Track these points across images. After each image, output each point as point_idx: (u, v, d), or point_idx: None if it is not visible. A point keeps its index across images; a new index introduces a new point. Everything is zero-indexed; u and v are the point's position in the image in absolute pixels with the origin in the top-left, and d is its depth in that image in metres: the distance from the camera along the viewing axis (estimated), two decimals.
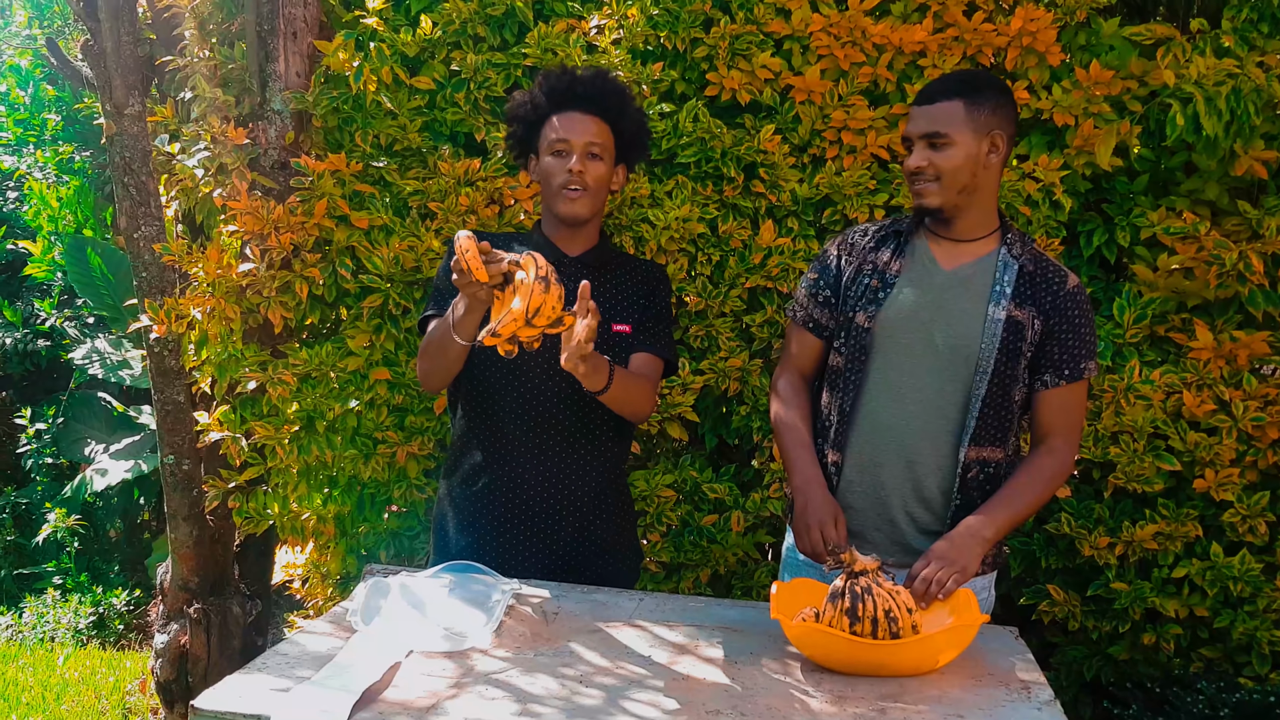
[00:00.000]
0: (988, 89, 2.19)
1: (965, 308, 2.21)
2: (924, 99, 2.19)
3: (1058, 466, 2.19)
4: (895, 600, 1.84)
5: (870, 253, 2.31)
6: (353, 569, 3.32)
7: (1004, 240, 2.25)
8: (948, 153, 2.15)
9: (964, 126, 2.15)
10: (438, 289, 2.40)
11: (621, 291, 2.43)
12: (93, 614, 5.19)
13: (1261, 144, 3.04)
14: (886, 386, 2.25)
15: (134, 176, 3.29)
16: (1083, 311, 2.22)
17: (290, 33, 3.18)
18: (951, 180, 2.16)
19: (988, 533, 2.07)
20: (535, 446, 2.37)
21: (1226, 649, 3.09)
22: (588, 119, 2.34)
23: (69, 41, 5.73)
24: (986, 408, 2.20)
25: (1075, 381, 2.20)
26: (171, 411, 3.42)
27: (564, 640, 1.94)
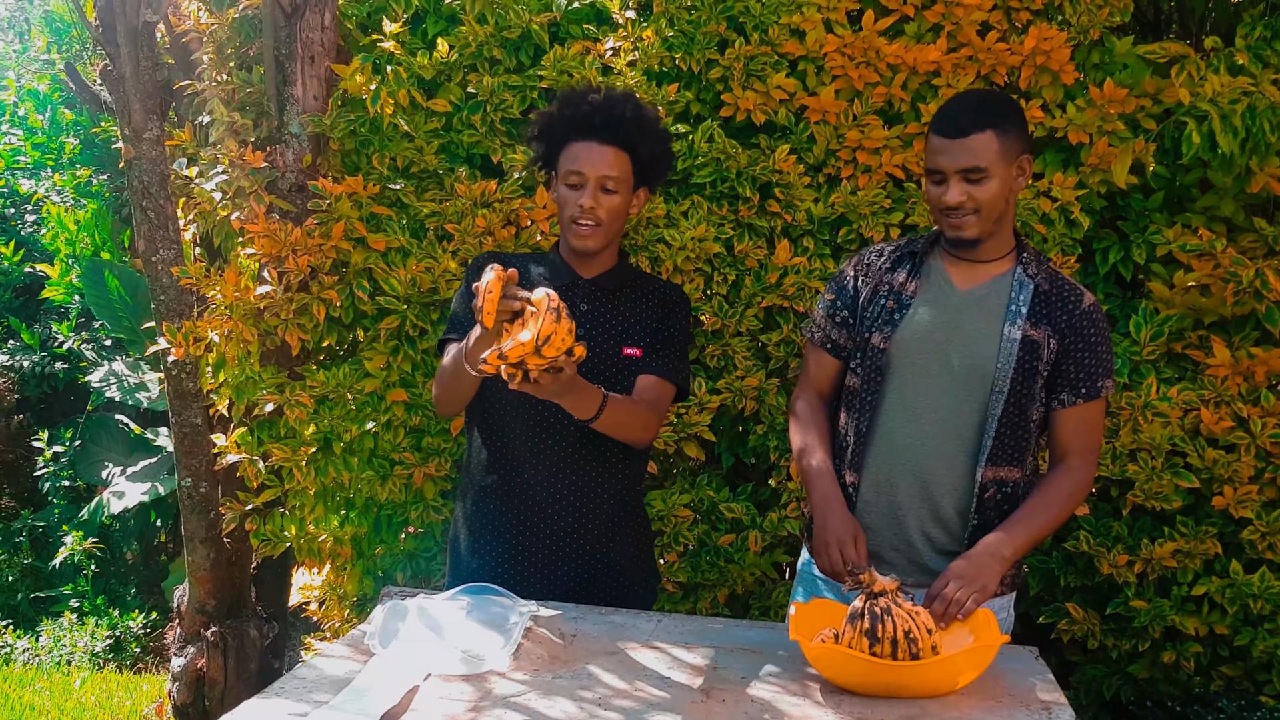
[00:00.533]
0: (1011, 112, 2.17)
1: (980, 328, 2.21)
2: (954, 130, 2.12)
3: (1076, 485, 2.18)
4: (915, 621, 1.84)
5: (886, 273, 2.30)
6: (370, 591, 3.32)
7: (1019, 259, 2.24)
8: (986, 186, 2.12)
9: (998, 158, 2.12)
10: (455, 313, 2.41)
11: (635, 314, 2.41)
12: (109, 637, 5.20)
13: (1277, 161, 3.03)
14: (902, 407, 2.25)
15: (152, 200, 3.31)
16: (1099, 330, 2.21)
17: (308, 56, 3.21)
18: (990, 212, 2.15)
19: (1006, 551, 2.06)
20: (547, 468, 2.36)
21: (1247, 667, 3.07)
22: (605, 149, 2.29)
23: (87, 66, 5.78)
24: (1003, 428, 2.20)
25: (1093, 400, 2.19)
26: (189, 434, 3.43)
27: (582, 662, 1.94)
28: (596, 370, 2.33)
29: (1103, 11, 3.10)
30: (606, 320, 2.37)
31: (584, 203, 2.28)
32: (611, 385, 2.34)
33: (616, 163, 2.30)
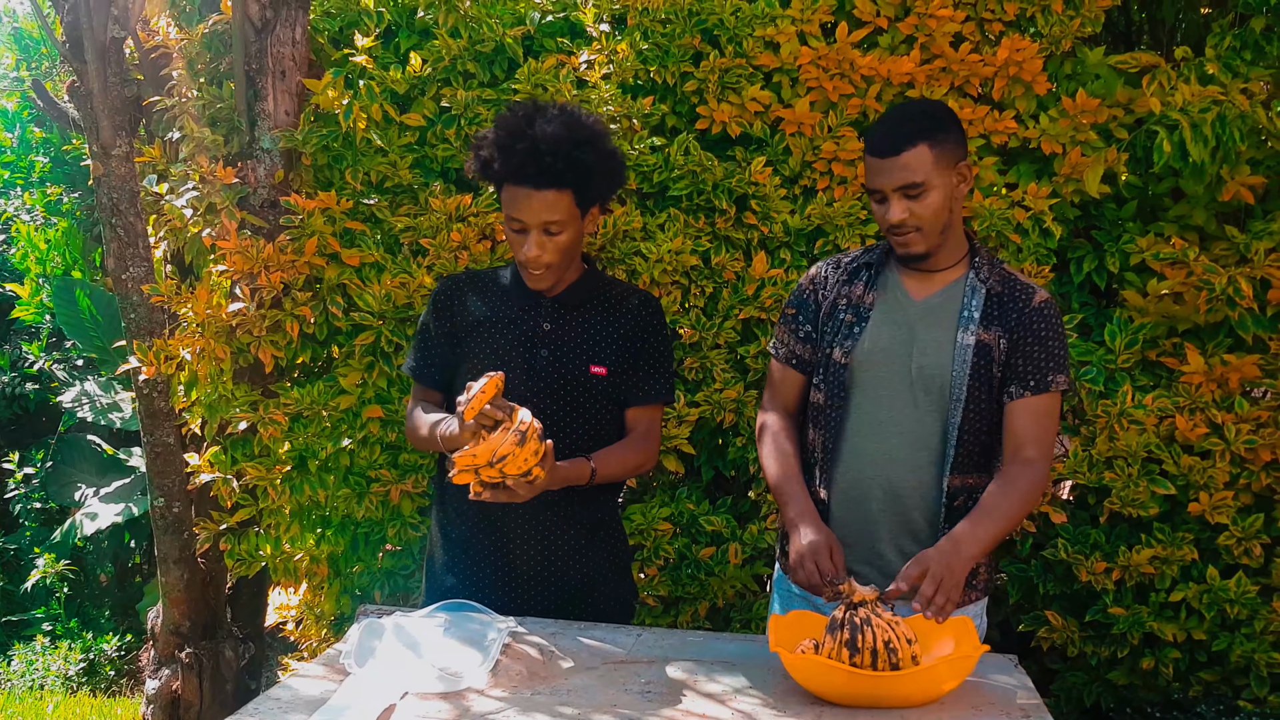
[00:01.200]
0: (943, 121, 2.15)
1: (936, 337, 2.20)
2: (886, 149, 2.09)
3: (1033, 477, 2.12)
4: (895, 631, 1.83)
5: (844, 285, 2.29)
6: (347, 609, 3.29)
7: (972, 264, 2.23)
8: (926, 200, 2.10)
9: (935, 170, 2.09)
10: (422, 339, 2.41)
11: (602, 330, 2.36)
12: (83, 660, 5.13)
13: (1247, 169, 3.06)
14: (867, 421, 2.23)
15: (122, 217, 3.29)
16: (1050, 326, 2.19)
17: (279, 71, 3.19)
18: (933, 225, 2.13)
19: (973, 549, 2.01)
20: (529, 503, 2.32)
21: (1225, 672, 3.08)
22: (544, 194, 2.17)
23: (56, 83, 5.74)
24: (965, 435, 2.18)
25: (1042, 393, 2.16)
26: (161, 453, 3.40)
27: (561, 679, 1.93)
28: (562, 390, 2.32)
29: (1074, 23, 3.13)
30: (572, 339, 2.34)
31: (530, 253, 2.21)
32: (577, 404, 2.33)
33: (557, 203, 2.20)
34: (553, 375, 2.32)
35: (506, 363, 2.28)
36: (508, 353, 2.31)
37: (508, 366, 2.27)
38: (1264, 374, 2.98)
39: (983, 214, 3.08)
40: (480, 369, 2.28)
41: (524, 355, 2.31)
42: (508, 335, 2.33)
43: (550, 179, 2.18)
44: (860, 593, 1.87)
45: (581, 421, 2.34)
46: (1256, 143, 3.05)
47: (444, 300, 2.39)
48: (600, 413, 2.37)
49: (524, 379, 2.30)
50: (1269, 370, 2.98)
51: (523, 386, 2.29)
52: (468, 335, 2.34)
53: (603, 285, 2.43)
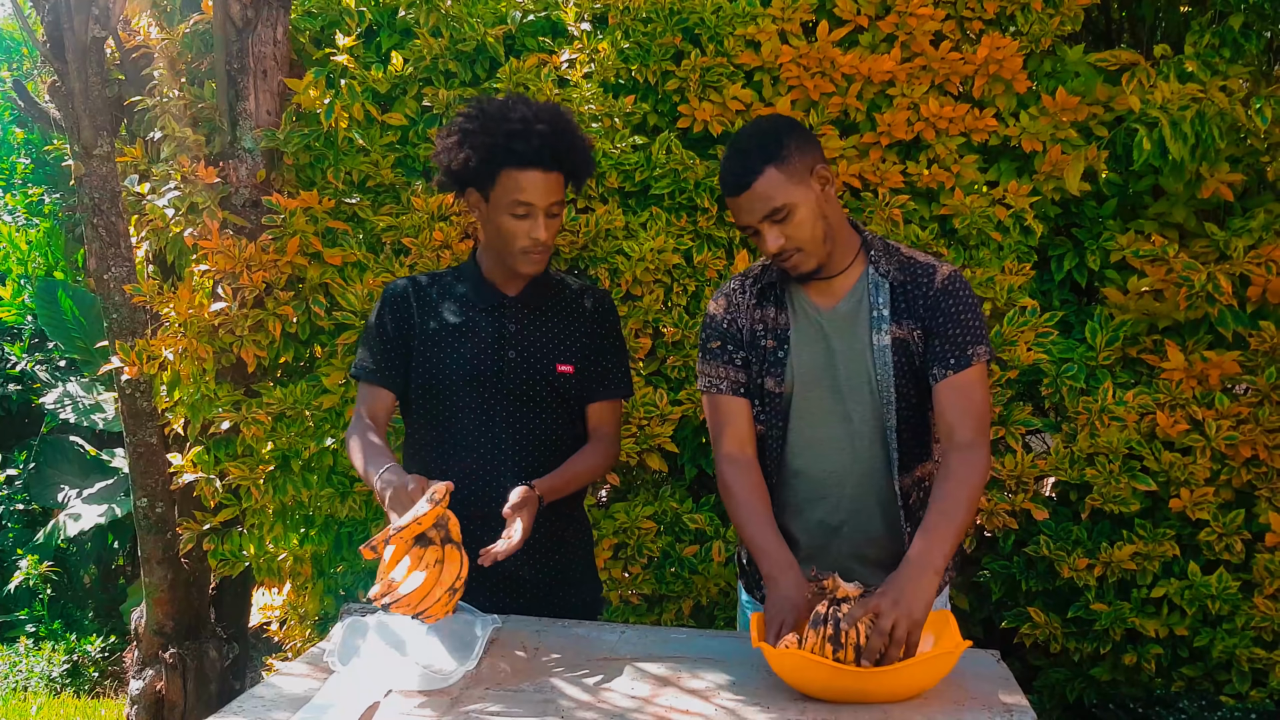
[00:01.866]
0: (780, 136, 2.09)
1: (854, 345, 2.16)
2: (736, 187, 2.05)
3: (974, 464, 2.05)
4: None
5: (755, 309, 2.23)
6: (331, 609, 3.28)
7: (869, 258, 2.18)
8: (795, 219, 2.05)
9: (791, 187, 2.04)
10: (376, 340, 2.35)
11: (564, 328, 2.37)
12: (66, 662, 5.12)
13: (1226, 167, 3.08)
14: (808, 444, 2.21)
15: (103, 217, 3.28)
16: (959, 300, 2.13)
17: (260, 71, 3.19)
18: (813, 240, 2.07)
19: (937, 563, 1.92)
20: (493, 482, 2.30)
21: (1207, 667, 3.10)
22: (549, 176, 2.21)
23: (37, 83, 5.72)
24: (904, 433, 2.17)
25: (965, 368, 2.10)
26: (144, 454, 3.39)
27: (545, 676, 1.93)
28: (531, 390, 2.32)
29: (1054, 21, 3.14)
30: (537, 339, 2.34)
31: (539, 235, 2.22)
32: (546, 402, 2.34)
33: (558, 186, 2.24)
34: (522, 376, 2.31)
35: (475, 366, 2.29)
36: (476, 356, 2.30)
37: (477, 370, 2.29)
38: (1244, 370, 2.99)
39: (964, 212, 3.10)
40: (448, 374, 2.29)
41: (493, 357, 2.31)
42: (474, 339, 2.31)
43: (554, 161, 2.22)
44: (844, 589, 1.87)
45: (549, 420, 2.35)
46: (1236, 140, 3.07)
47: (398, 304, 2.35)
48: (567, 411, 2.38)
49: (493, 381, 2.30)
50: (1249, 366, 3.00)
51: (492, 389, 2.30)
52: (429, 341, 2.32)
53: (557, 284, 2.43)
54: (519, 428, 2.32)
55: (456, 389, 2.30)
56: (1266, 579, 2.97)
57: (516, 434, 2.32)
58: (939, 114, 3.10)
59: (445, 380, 2.30)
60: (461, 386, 2.30)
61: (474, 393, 2.30)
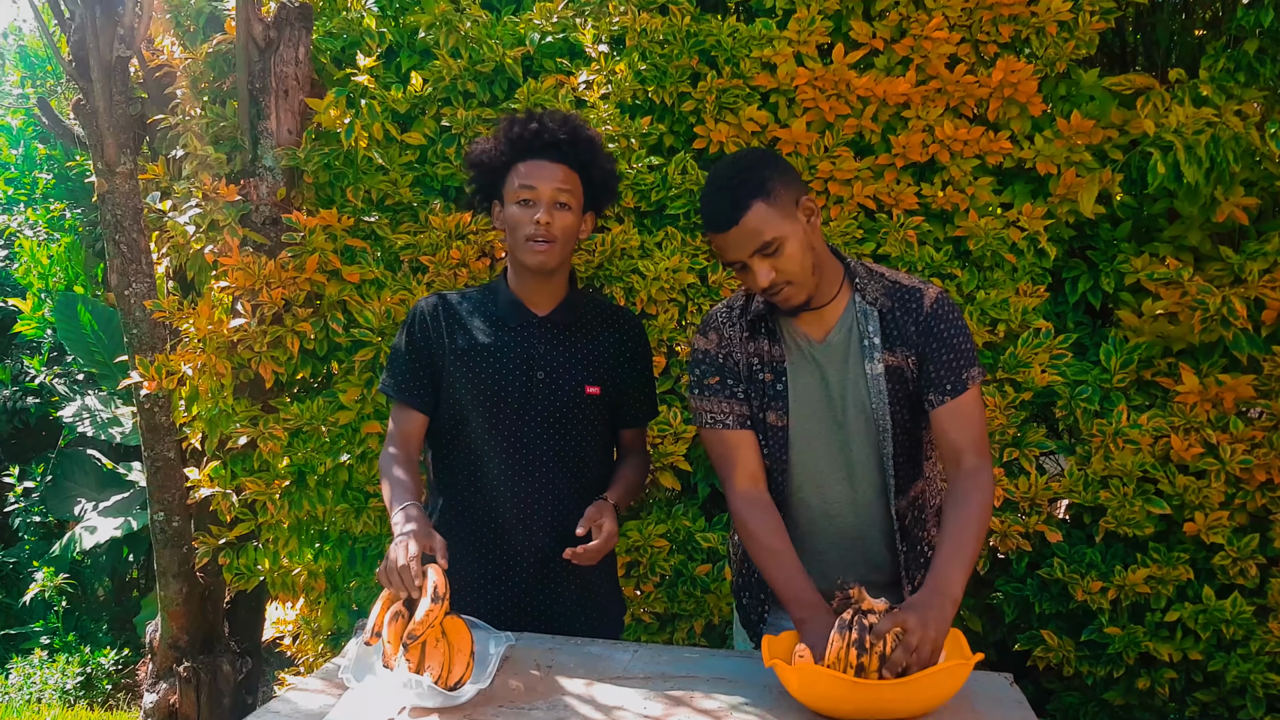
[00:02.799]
0: (764, 171, 2.06)
1: (848, 375, 2.16)
2: (724, 224, 2.02)
3: (983, 487, 2.06)
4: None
5: (749, 343, 2.22)
6: (344, 624, 3.30)
7: (854, 286, 2.17)
8: (785, 253, 2.03)
9: (779, 221, 2.02)
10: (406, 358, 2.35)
11: (594, 351, 2.39)
12: (80, 674, 5.13)
13: (1241, 190, 3.08)
14: (809, 474, 2.21)
15: (125, 234, 3.31)
16: (949, 324, 2.13)
17: (282, 90, 3.22)
18: (803, 273, 2.06)
19: (954, 591, 1.94)
20: (522, 500, 2.32)
21: (1221, 693, 3.08)
22: (556, 167, 2.25)
23: (61, 100, 5.77)
24: (900, 459, 2.17)
25: (961, 393, 2.11)
26: (162, 468, 3.41)
27: (558, 694, 1.93)
28: (559, 411, 2.33)
29: (1069, 44, 3.15)
30: (566, 360, 2.35)
31: (540, 218, 2.23)
32: (573, 422, 2.35)
33: (568, 180, 2.27)
34: (550, 397, 2.32)
35: (503, 386, 2.30)
36: (505, 376, 2.31)
37: (505, 390, 2.30)
38: (1259, 394, 2.99)
39: (978, 234, 3.10)
40: (476, 394, 2.30)
41: (522, 378, 2.31)
42: (503, 359, 2.32)
43: (564, 154, 2.27)
44: (870, 602, 1.88)
45: (576, 441, 2.36)
46: (1250, 164, 3.08)
47: (428, 322, 2.35)
48: (594, 432, 2.39)
49: (521, 402, 2.31)
50: (1264, 390, 2.99)
51: (520, 409, 2.31)
52: (458, 360, 2.32)
53: (588, 304, 2.45)
54: (547, 448, 2.33)
55: (484, 409, 2.31)
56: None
57: (543, 454, 2.33)
58: (954, 136, 3.11)
59: (473, 400, 2.31)
60: (489, 406, 2.31)
61: (502, 413, 2.31)
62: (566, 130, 2.29)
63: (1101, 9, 3.16)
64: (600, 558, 2.18)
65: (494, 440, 2.32)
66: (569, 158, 2.28)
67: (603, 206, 2.43)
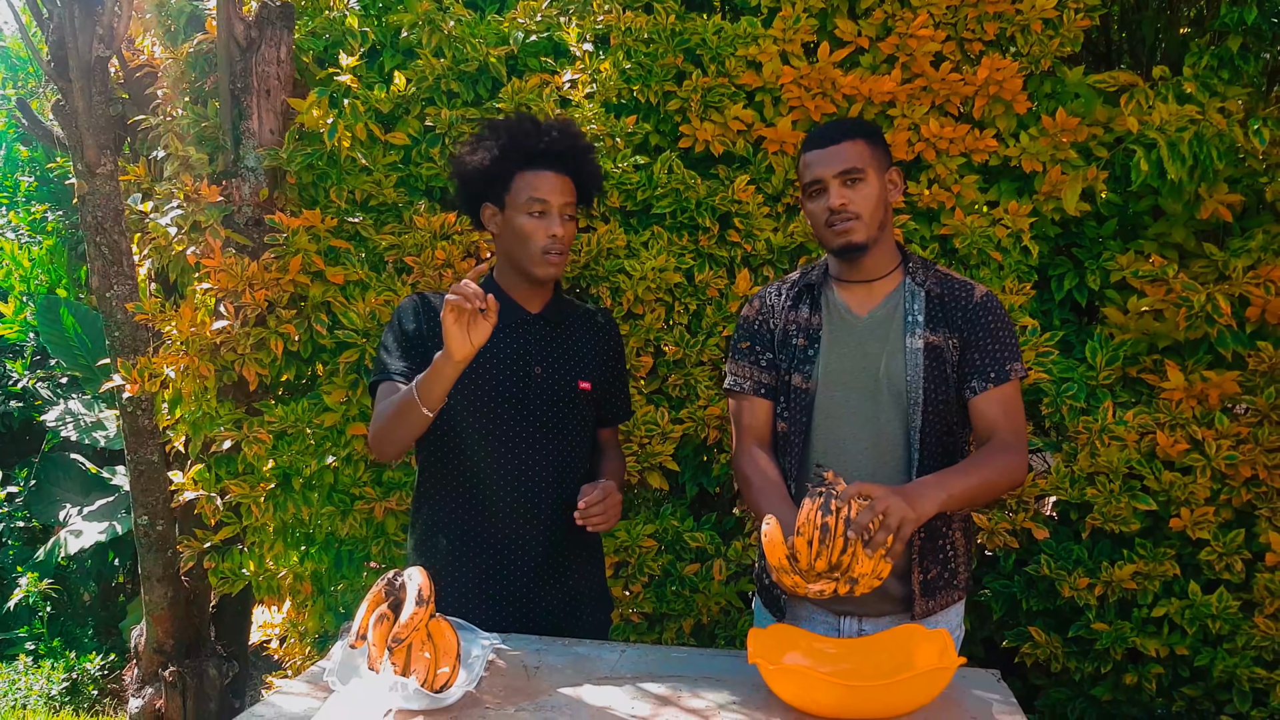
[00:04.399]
0: (874, 130, 2.23)
1: (886, 348, 2.21)
2: (825, 140, 2.17)
3: (1010, 454, 2.10)
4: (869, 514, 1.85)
5: (790, 311, 2.30)
6: (331, 627, 3.28)
7: (906, 270, 2.25)
8: (864, 188, 2.15)
9: (872, 161, 2.16)
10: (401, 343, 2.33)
11: (582, 348, 2.43)
12: (66, 680, 5.10)
13: (1225, 188, 3.09)
14: (833, 442, 2.23)
15: (106, 235, 3.29)
16: (997, 317, 2.21)
17: (264, 90, 3.20)
18: (872, 215, 2.17)
19: (942, 494, 1.95)
20: (514, 500, 2.33)
21: (1208, 687, 3.09)
22: (562, 179, 2.29)
23: (42, 102, 5.74)
24: (927, 437, 2.19)
25: (1004, 383, 2.17)
26: (145, 471, 3.39)
27: (545, 695, 1.92)
28: (554, 405, 2.35)
29: (1054, 42, 3.16)
30: (560, 356, 2.39)
31: (556, 231, 2.26)
32: (567, 417, 2.37)
33: (570, 190, 2.31)
34: (547, 391, 2.34)
35: (502, 382, 2.31)
36: (502, 371, 2.32)
37: (502, 385, 2.30)
38: (1243, 390, 3.00)
39: (964, 232, 3.11)
40: (475, 389, 2.30)
41: (519, 373, 2.33)
42: (499, 355, 2.33)
43: (565, 166, 2.31)
44: (844, 485, 1.90)
45: (567, 435, 2.38)
46: (1234, 161, 3.09)
47: (420, 315, 2.34)
48: (584, 427, 2.43)
49: (519, 396, 2.32)
50: (1248, 386, 3.00)
51: (518, 404, 2.32)
52: None
53: (570, 303, 2.50)
54: (543, 443, 2.34)
55: (481, 405, 2.31)
56: (1267, 598, 2.96)
57: (539, 449, 2.35)
58: (939, 134, 3.12)
59: (469, 396, 2.31)
60: (486, 402, 2.31)
61: (499, 408, 2.32)
62: (571, 142, 2.34)
63: (1086, 6, 3.17)
64: (608, 521, 2.20)
65: (490, 436, 2.32)
66: (570, 168, 2.32)
67: (590, 204, 2.49)
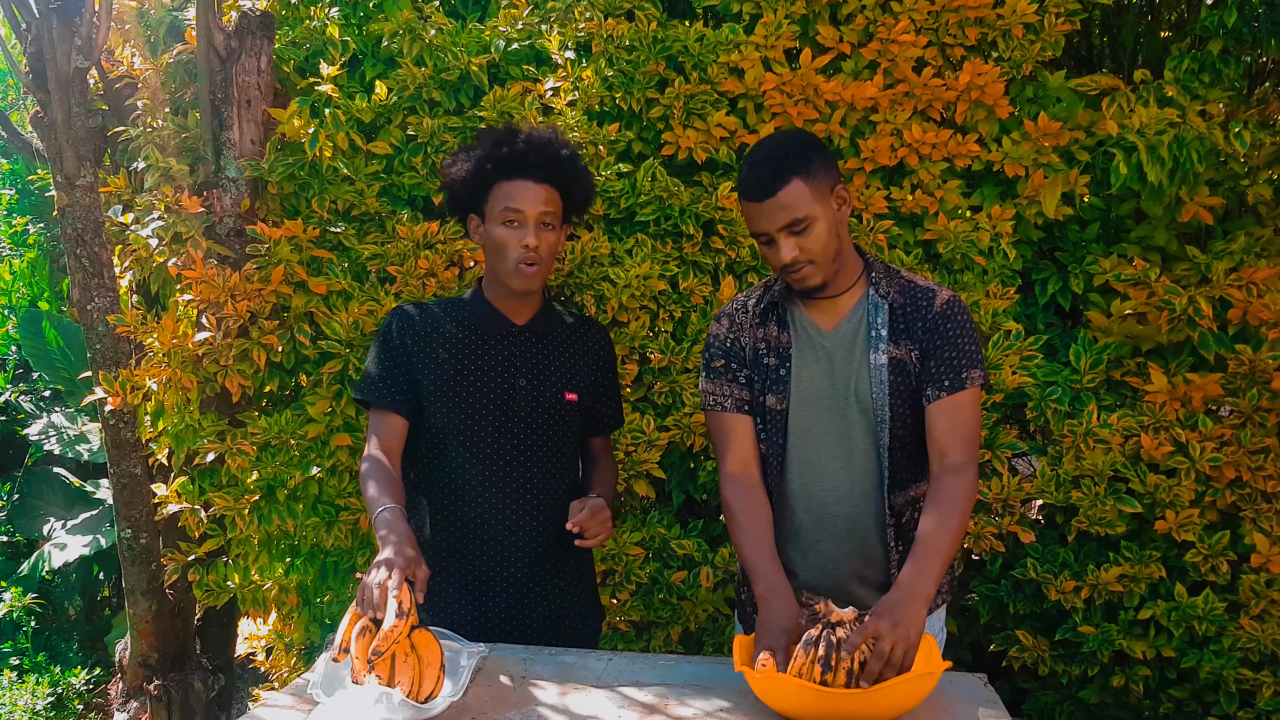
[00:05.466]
0: (809, 151, 2.11)
1: (853, 364, 2.19)
2: (761, 192, 2.07)
3: (964, 483, 2.08)
4: (871, 653, 1.83)
5: (758, 328, 2.26)
6: (317, 639, 3.26)
7: (870, 281, 2.22)
8: (813, 233, 2.08)
9: (813, 202, 2.07)
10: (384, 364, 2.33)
11: (570, 359, 2.43)
12: (51, 695, 5.06)
13: (1206, 190, 3.10)
14: (807, 461, 2.23)
15: (86, 248, 3.27)
16: (958, 324, 2.17)
17: (244, 100, 3.19)
18: (825, 256, 2.11)
19: (925, 588, 1.96)
20: (500, 508, 2.34)
21: (1195, 689, 3.10)
22: (539, 187, 2.27)
23: (21, 114, 5.72)
24: (896, 452, 2.19)
25: (959, 390, 2.14)
26: (128, 484, 3.37)
27: (532, 705, 1.92)
28: (539, 417, 2.36)
29: (1035, 47, 3.17)
30: (546, 367, 2.39)
31: (529, 241, 2.25)
32: (553, 428, 2.38)
33: (550, 199, 2.29)
34: (532, 403, 2.35)
35: (486, 394, 2.31)
36: (487, 384, 2.33)
37: (487, 397, 2.31)
38: (1226, 392, 3.01)
39: (947, 236, 3.11)
40: (460, 402, 2.31)
41: (504, 385, 2.34)
42: (484, 367, 2.34)
43: (548, 174, 2.29)
44: (838, 614, 1.87)
45: (553, 446, 2.39)
46: (1215, 164, 3.10)
47: (405, 329, 2.36)
48: (569, 438, 2.43)
49: (504, 409, 2.33)
50: (1231, 388, 3.01)
51: (503, 416, 2.32)
52: (438, 370, 2.33)
53: (559, 314, 2.49)
54: (528, 454, 2.35)
55: (466, 418, 2.32)
56: (1252, 600, 2.97)
57: (525, 460, 2.35)
58: (922, 140, 3.12)
59: (455, 409, 2.32)
60: (471, 415, 2.32)
61: (484, 421, 2.32)
62: (550, 151, 2.32)
63: (1067, 11, 3.18)
64: (601, 535, 2.21)
65: (476, 449, 2.33)
66: (552, 177, 2.30)
67: (581, 215, 2.48)
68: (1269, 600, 2.97)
